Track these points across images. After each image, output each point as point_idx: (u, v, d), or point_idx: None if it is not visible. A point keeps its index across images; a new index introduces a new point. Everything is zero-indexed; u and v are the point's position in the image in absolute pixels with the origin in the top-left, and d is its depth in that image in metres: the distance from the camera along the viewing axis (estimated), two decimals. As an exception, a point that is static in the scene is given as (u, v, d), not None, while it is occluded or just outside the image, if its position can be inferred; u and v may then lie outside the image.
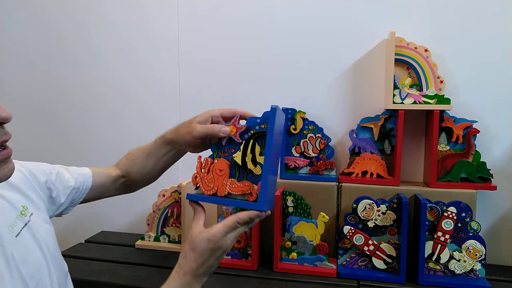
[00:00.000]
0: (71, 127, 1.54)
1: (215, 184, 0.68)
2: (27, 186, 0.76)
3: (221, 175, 0.69)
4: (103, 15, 1.49)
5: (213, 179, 0.69)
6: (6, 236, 0.66)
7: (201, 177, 0.69)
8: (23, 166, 0.79)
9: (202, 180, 0.69)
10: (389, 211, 1.09)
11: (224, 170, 0.68)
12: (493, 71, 1.19)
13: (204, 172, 0.69)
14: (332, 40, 1.29)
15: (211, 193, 0.68)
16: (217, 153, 0.71)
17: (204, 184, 0.69)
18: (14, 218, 0.69)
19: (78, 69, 1.53)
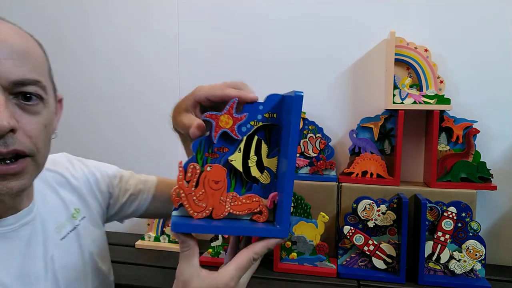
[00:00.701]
0: (70, 126, 1.54)
1: (209, 203, 0.51)
2: (86, 188, 0.74)
3: (218, 189, 0.51)
4: (102, 14, 1.49)
5: (206, 195, 0.50)
6: (51, 237, 0.64)
7: (187, 193, 0.50)
8: (87, 166, 0.77)
9: (189, 198, 0.50)
10: (389, 211, 1.09)
11: (222, 181, 0.51)
12: (493, 71, 1.19)
13: (191, 185, 0.50)
14: (332, 40, 1.29)
15: (203, 215, 0.50)
16: (202, 154, 0.52)
17: (191, 204, 0.50)
18: (64, 220, 0.68)
19: (78, 68, 1.53)
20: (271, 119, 0.53)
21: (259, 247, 0.50)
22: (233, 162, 0.52)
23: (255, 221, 0.53)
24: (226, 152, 0.53)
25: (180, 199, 0.50)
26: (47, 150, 0.58)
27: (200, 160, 0.52)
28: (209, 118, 0.50)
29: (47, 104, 0.56)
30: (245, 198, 0.52)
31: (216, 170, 0.51)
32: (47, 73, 0.59)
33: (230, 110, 0.51)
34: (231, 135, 0.52)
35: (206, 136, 0.52)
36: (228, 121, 0.51)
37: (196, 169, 0.50)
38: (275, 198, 0.53)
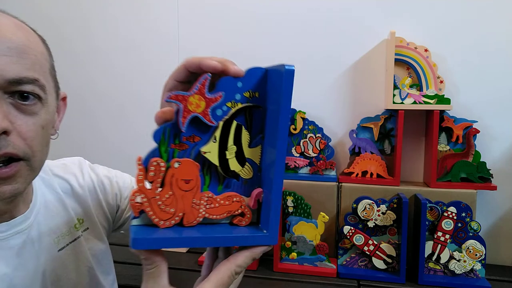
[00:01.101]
0: (70, 126, 1.54)
1: (178, 207, 0.42)
2: (92, 198, 0.69)
3: (190, 190, 0.42)
4: (103, 14, 1.49)
5: (174, 198, 0.41)
6: (47, 248, 0.60)
7: (150, 196, 0.41)
8: (97, 175, 0.72)
9: (152, 203, 0.41)
10: (389, 211, 1.09)
11: (193, 180, 0.42)
12: (493, 71, 1.19)
13: (155, 187, 0.41)
14: (332, 40, 1.29)
15: (171, 223, 0.42)
16: (167, 146, 0.42)
17: (156, 210, 0.41)
18: (65, 230, 0.63)
19: (78, 67, 1.53)
20: (253, 99, 0.44)
21: (242, 259, 0.42)
22: (207, 155, 0.43)
23: (236, 225, 0.45)
24: (198, 142, 0.43)
25: (142, 205, 0.40)
26: (44, 153, 0.54)
27: (165, 154, 0.42)
28: (174, 100, 0.40)
29: (46, 104, 0.53)
30: (223, 198, 0.44)
31: (186, 166, 0.41)
32: (48, 71, 0.56)
33: (202, 89, 0.41)
34: (204, 120, 0.42)
35: (171, 123, 0.42)
36: (199, 103, 0.41)
37: (160, 165, 0.40)
38: (260, 196, 0.45)
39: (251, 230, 0.44)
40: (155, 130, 0.42)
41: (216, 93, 0.42)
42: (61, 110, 0.63)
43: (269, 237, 0.43)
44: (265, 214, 0.44)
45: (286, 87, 0.40)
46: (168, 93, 0.41)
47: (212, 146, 0.43)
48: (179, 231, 0.42)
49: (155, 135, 0.41)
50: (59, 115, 0.62)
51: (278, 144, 0.41)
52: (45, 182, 0.64)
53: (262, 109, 0.45)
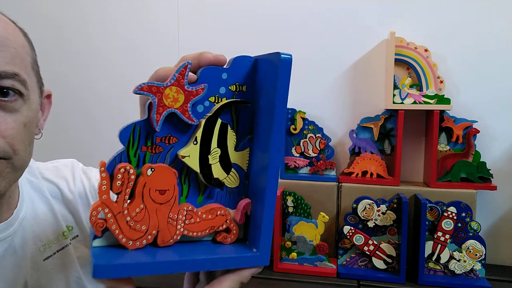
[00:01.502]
0: (69, 125, 1.54)
1: (151, 224, 0.35)
2: (82, 204, 0.64)
3: (165, 203, 0.35)
4: (103, 14, 1.49)
5: (146, 213, 0.34)
6: (32, 257, 0.56)
7: (116, 212, 0.33)
8: (89, 179, 0.67)
9: (119, 220, 0.34)
10: (389, 211, 1.09)
11: (170, 190, 0.35)
12: (493, 71, 1.19)
13: (122, 199, 0.34)
14: (332, 40, 1.29)
15: (143, 244, 0.35)
16: (137, 148, 0.35)
17: (124, 228, 0.34)
18: (52, 238, 0.59)
19: (79, 67, 1.53)
20: (240, 94, 0.38)
21: (227, 284, 0.36)
22: (186, 160, 0.36)
23: (220, 243, 0.38)
24: (174, 144, 0.36)
25: (105, 221, 0.33)
26: (27, 152, 0.50)
27: (134, 158, 0.34)
28: (147, 92, 0.34)
29: (27, 101, 0.49)
30: (206, 212, 0.37)
31: (161, 174, 0.34)
32: (30, 65, 0.51)
33: (180, 80, 0.34)
34: (182, 118, 0.35)
35: (142, 120, 0.35)
36: (177, 96, 0.34)
37: (130, 173, 0.33)
38: (248, 208, 0.39)
39: (239, 249, 0.38)
40: (122, 128, 0.34)
41: (197, 85, 0.35)
42: (46, 108, 0.59)
43: (259, 257, 0.37)
44: (255, 229, 0.38)
45: (282, 79, 0.35)
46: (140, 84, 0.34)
47: (192, 149, 0.36)
48: (152, 254, 0.34)
49: (122, 134, 0.34)
50: (44, 114, 0.58)
51: (271, 146, 0.35)
52: (34, 186, 0.60)
53: (251, 106, 0.38)
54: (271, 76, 0.36)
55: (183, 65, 0.34)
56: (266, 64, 0.37)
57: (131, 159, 0.35)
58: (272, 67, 0.36)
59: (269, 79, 0.36)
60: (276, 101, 0.35)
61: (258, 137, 0.38)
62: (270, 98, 0.36)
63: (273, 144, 0.36)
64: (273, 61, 0.36)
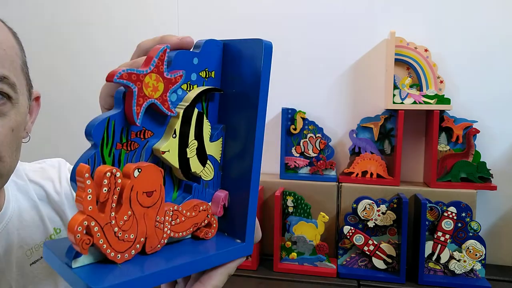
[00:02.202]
0: (69, 125, 1.54)
1: (139, 231, 0.32)
2: (70, 205, 0.61)
3: (152, 205, 0.32)
4: (102, 14, 1.49)
5: (134, 220, 0.31)
6: (17, 262, 0.54)
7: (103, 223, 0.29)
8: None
9: (107, 232, 0.30)
10: (389, 211, 1.09)
11: (157, 191, 0.32)
12: (493, 71, 1.19)
13: (109, 208, 0.30)
14: (332, 40, 1.29)
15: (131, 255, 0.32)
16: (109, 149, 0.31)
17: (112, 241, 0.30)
18: (38, 242, 0.56)
19: (78, 68, 1.53)
20: (209, 81, 0.36)
21: (218, 278, 0.36)
22: (167, 155, 0.33)
23: (199, 239, 0.36)
24: (150, 138, 0.33)
25: (92, 238, 0.29)
26: (14, 159, 0.48)
27: (109, 158, 0.30)
28: (126, 81, 0.29)
29: (16, 105, 0.47)
30: (189, 209, 0.35)
31: (149, 174, 0.31)
32: (20, 68, 0.49)
33: (160, 66, 0.31)
34: (162, 109, 0.32)
35: (116, 113, 0.30)
36: (156, 85, 0.31)
37: (116, 177, 0.29)
38: (227, 200, 0.38)
39: (223, 243, 0.36)
40: (93, 123, 0.29)
41: (174, 71, 0.32)
42: (34, 110, 0.57)
43: (245, 247, 0.36)
44: (239, 220, 0.36)
45: (266, 66, 0.34)
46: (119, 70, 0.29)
47: (172, 142, 0.33)
48: (141, 263, 0.31)
49: (95, 131, 0.29)
50: (32, 116, 0.56)
51: (257, 135, 0.34)
52: (20, 189, 0.58)
53: (219, 94, 0.37)
54: (251, 62, 0.35)
55: (162, 49, 0.31)
56: (242, 50, 0.36)
57: (106, 159, 0.30)
58: (252, 53, 0.35)
59: (247, 66, 0.35)
60: (261, 89, 0.34)
61: (234, 126, 0.37)
62: (249, 86, 0.35)
63: (258, 132, 0.35)
64: (254, 48, 0.35)
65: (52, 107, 1.58)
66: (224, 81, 0.37)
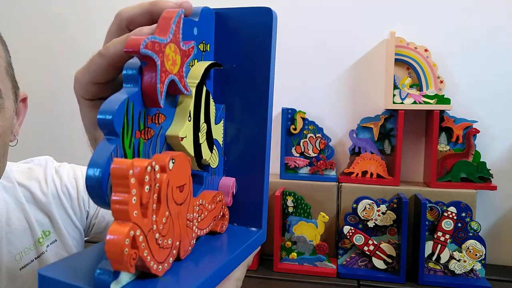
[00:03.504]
0: (70, 126, 1.54)
1: (175, 234, 0.27)
2: (57, 205, 0.59)
3: (183, 202, 0.28)
4: (102, 14, 1.49)
5: (171, 222, 0.26)
6: (7, 267, 0.52)
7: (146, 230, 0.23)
8: (61, 177, 0.62)
9: (150, 240, 0.24)
10: (389, 211, 1.09)
11: (187, 184, 0.28)
12: (493, 71, 1.19)
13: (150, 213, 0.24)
14: (332, 40, 1.29)
15: (170, 263, 0.27)
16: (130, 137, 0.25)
17: (155, 250, 0.25)
18: (28, 245, 0.55)
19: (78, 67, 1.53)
20: (206, 55, 0.31)
21: (240, 270, 0.35)
22: (185, 142, 0.28)
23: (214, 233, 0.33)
24: (163, 123, 0.28)
25: (138, 250, 0.23)
26: (1, 163, 0.47)
27: (130, 150, 0.25)
28: (149, 51, 0.24)
29: (2, 110, 0.46)
30: (210, 202, 0.31)
31: (181, 165, 0.27)
32: (4, 70, 0.47)
33: (178, 35, 0.26)
34: (180, 87, 0.27)
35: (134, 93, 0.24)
36: (175, 57, 0.26)
37: (155, 170, 0.24)
38: (234, 188, 0.35)
39: (241, 235, 0.33)
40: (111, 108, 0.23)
41: (187, 42, 0.27)
42: (21, 112, 0.55)
43: (263, 234, 0.35)
44: (253, 207, 0.34)
45: (275, 36, 0.30)
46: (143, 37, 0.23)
47: (188, 127, 0.28)
48: (178, 273, 0.27)
49: (116, 117, 0.23)
50: (19, 119, 0.54)
51: (269, 112, 0.31)
52: (8, 191, 0.56)
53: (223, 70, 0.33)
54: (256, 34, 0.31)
55: (179, 13, 0.25)
56: (242, 21, 0.32)
57: (127, 152, 0.24)
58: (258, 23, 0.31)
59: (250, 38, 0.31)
60: (271, 62, 0.31)
61: (236, 105, 0.33)
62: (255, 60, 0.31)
63: (270, 109, 0.32)
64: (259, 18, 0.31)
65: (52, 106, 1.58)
66: (221, 55, 0.32)
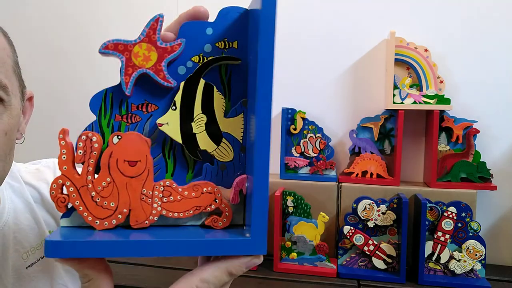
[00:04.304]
0: (74, 126, 1.54)
1: (122, 201, 0.30)
2: None
3: (136, 176, 0.31)
4: (102, 14, 1.49)
5: (114, 187, 0.30)
6: (13, 265, 0.53)
7: (79, 185, 0.30)
8: None
9: (83, 194, 0.30)
10: (389, 211, 1.09)
11: (142, 161, 0.31)
12: (493, 71, 1.19)
13: (85, 171, 0.30)
14: (332, 40, 1.29)
15: (113, 224, 0.30)
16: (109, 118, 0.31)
17: (89, 204, 0.30)
18: (34, 244, 0.56)
19: (76, 69, 1.53)
20: (230, 51, 0.33)
21: (210, 271, 0.31)
22: (165, 128, 0.31)
23: (210, 228, 0.33)
24: (154, 112, 0.32)
25: (68, 197, 0.30)
26: (7, 162, 0.48)
27: (108, 128, 0.31)
28: (112, 51, 0.31)
29: (9, 107, 0.46)
30: (188, 188, 0.32)
31: (130, 142, 0.30)
32: (11, 69, 0.48)
33: (151, 35, 0.31)
34: (156, 79, 0.30)
35: (114, 85, 0.32)
36: (148, 54, 0.30)
37: (92, 140, 0.29)
38: (243, 184, 0.33)
39: (229, 234, 0.32)
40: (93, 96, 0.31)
41: (172, 40, 0.31)
42: (28, 111, 0.56)
43: (252, 242, 0.31)
44: (250, 210, 0.32)
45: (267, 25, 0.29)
46: (104, 41, 0.29)
47: (171, 115, 0.31)
48: (124, 235, 0.30)
49: (92, 102, 0.31)
50: (25, 117, 0.55)
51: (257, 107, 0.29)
52: (15, 191, 0.58)
53: (243, 64, 0.34)
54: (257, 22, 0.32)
55: (154, 18, 0.31)
56: (255, 14, 0.33)
57: (104, 130, 0.31)
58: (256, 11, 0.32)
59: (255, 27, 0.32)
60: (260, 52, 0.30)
61: (250, 99, 0.33)
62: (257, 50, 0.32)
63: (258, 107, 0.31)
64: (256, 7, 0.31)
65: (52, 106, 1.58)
66: (247, 51, 0.34)
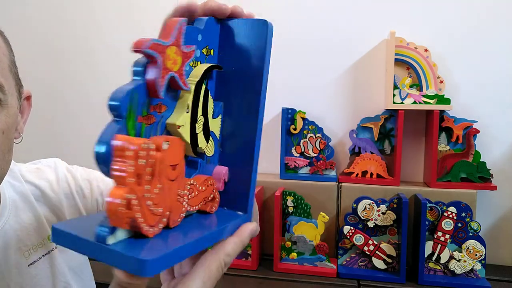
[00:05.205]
0: (76, 125, 1.54)
1: (166, 204, 0.32)
2: (68, 204, 0.61)
3: (175, 179, 0.33)
4: (101, 14, 1.49)
5: (163, 193, 0.31)
6: (15, 263, 0.53)
7: (140, 195, 0.29)
8: (75, 177, 0.64)
9: (143, 204, 0.29)
10: (389, 211, 1.09)
11: (180, 164, 0.33)
12: (493, 71, 1.19)
13: (143, 181, 0.29)
14: (332, 40, 1.29)
15: (160, 228, 0.32)
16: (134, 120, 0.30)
17: (147, 214, 0.30)
18: (37, 242, 0.56)
19: (75, 69, 1.52)
20: (209, 58, 0.37)
21: (231, 246, 0.36)
22: (182, 130, 0.33)
23: (205, 213, 0.38)
24: (164, 113, 0.33)
25: (131, 210, 0.28)
26: (6, 161, 0.48)
27: (133, 131, 0.30)
28: (152, 51, 0.30)
29: (5, 106, 0.46)
30: (201, 183, 0.36)
31: (175, 147, 0.32)
32: (7, 68, 0.48)
33: (179, 39, 0.32)
34: (179, 83, 0.32)
35: (139, 85, 0.31)
36: (176, 58, 0.31)
37: (150, 148, 0.29)
38: (226, 176, 0.40)
39: (226, 216, 0.38)
40: (118, 96, 0.29)
41: (188, 46, 0.33)
42: (26, 110, 0.56)
43: (247, 217, 0.39)
44: (241, 194, 0.39)
45: (269, 46, 0.37)
46: (148, 39, 0.30)
47: (185, 118, 0.34)
48: (166, 237, 0.32)
49: (122, 103, 0.29)
50: (23, 116, 0.55)
51: (260, 112, 0.37)
52: (16, 190, 0.58)
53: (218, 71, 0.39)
54: (255, 42, 0.37)
55: (180, 22, 0.31)
56: (243, 30, 0.38)
57: (130, 133, 0.30)
58: (256, 33, 0.37)
59: (249, 45, 0.37)
60: (265, 68, 0.37)
61: (233, 104, 0.39)
62: (252, 65, 0.37)
63: (261, 110, 0.37)
64: (257, 28, 0.37)
65: (48, 111, 1.58)
66: (222, 59, 0.39)
